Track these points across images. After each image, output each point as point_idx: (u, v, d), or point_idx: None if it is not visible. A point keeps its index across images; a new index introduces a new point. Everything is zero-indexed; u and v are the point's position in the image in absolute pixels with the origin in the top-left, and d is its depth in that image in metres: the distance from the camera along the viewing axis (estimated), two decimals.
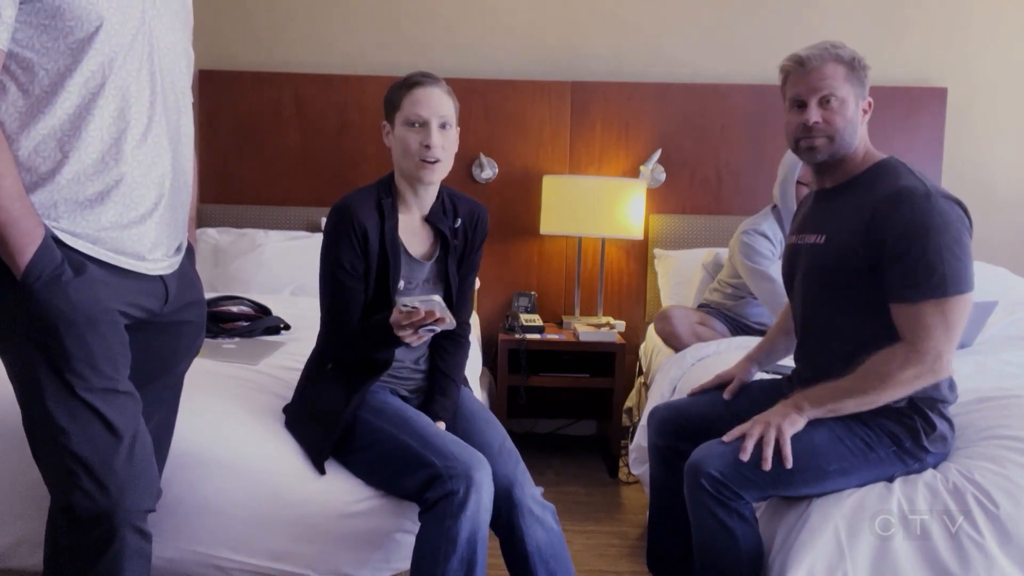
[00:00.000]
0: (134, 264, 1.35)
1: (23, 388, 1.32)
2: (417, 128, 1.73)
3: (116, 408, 1.32)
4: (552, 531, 1.66)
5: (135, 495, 1.34)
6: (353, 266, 1.74)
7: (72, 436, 1.29)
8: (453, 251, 1.85)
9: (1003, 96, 3.63)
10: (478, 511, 1.54)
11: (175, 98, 1.41)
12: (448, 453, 1.59)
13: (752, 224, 2.77)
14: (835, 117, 1.68)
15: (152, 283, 1.40)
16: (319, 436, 1.71)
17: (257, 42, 3.66)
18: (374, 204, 1.77)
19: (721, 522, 1.59)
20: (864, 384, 1.59)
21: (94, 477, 1.30)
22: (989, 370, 2.21)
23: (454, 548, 1.52)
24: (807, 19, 3.58)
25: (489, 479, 1.59)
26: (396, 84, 1.78)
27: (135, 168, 1.33)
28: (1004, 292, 2.98)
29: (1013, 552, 1.49)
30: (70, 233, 1.29)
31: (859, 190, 1.69)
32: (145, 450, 1.37)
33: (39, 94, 1.25)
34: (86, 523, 1.32)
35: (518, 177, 3.62)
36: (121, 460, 1.32)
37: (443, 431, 1.70)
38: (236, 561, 1.68)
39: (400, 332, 1.62)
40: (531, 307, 3.52)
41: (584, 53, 3.64)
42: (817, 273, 1.71)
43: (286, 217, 3.56)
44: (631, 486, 3.10)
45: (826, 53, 1.68)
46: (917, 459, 1.64)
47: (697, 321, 2.85)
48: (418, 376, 1.89)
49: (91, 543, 1.33)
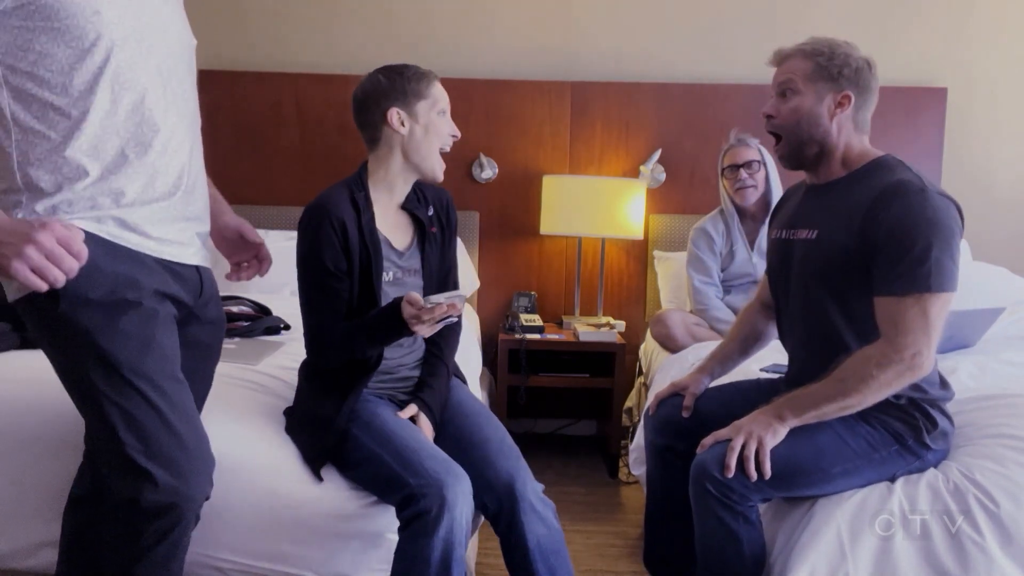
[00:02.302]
0: (164, 251, 1.38)
1: (74, 384, 1.34)
2: (446, 117, 1.79)
3: (173, 397, 1.34)
4: (553, 528, 1.66)
5: (200, 482, 1.37)
6: (336, 265, 1.72)
7: (133, 427, 1.31)
8: (432, 239, 1.86)
9: (1003, 96, 3.63)
10: (451, 530, 1.53)
11: (184, 84, 1.43)
12: (423, 471, 1.57)
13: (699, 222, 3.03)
14: (785, 108, 1.70)
15: (187, 272, 1.43)
16: (314, 444, 1.71)
17: (257, 42, 3.66)
18: (348, 198, 1.76)
19: (726, 525, 1.59)
20: (845, 388, 1.56)
21: (164, 467, 1.32)
22: (990, 370, 2.21)
23: (427, 569, 1.52)
24: (807, 19, 3.58)
25: (465, 495, 1.57)
26: (412, 72, 1.76)
27: (158, 157, 1.35)
28: (1004, 292, 2.98)
29: (1014, 552, 1.49)
30: (95, 220, 1.31)
31: (854, 186, 1.68)
32: (202, 438, 1.40)
33: (52, 96, 1.26)
34: (152, 513, 1.33)
35: (518, 177, 3.62)
36: (184, 448, 1.34)
37: (424, 445, 1.65)
38: (236, 562, 1.68)
39: (417, 325, 1.61)
40: (531, 307, 3.51)
41: (584, 53, 3.64)
42: (811, 268, 1.71)
43: (286, 217, 3.56)
44: (631, 486, 3.10)
45: (799, 48, 1.71)
46: (918, 456, 1.63)
47: (693, 323, 2.86)
48: (416, 378, 1.89)
49: (153, 532, 1.35)
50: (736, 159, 2.87)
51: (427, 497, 1.53)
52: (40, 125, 1.27)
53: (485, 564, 2.35)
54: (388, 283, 1.78)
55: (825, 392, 1.58)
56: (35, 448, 1.69)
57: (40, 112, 1.27)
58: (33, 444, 1.70)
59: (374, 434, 1.67)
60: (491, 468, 1.67)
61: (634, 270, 3.67)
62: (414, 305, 1.59)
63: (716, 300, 2.88)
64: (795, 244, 1.75)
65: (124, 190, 1.32)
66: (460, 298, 1.59)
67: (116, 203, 1.32)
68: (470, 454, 1.71)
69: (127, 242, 1.33)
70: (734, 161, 2.87)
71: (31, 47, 1.24)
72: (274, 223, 3.54)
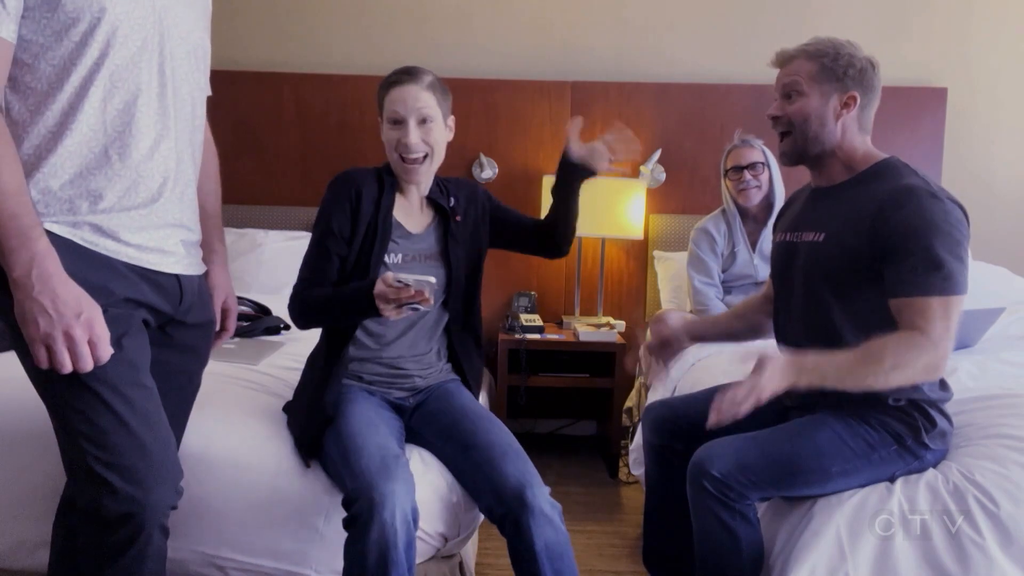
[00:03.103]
0: (143, 259, 1.35)
1: (42, 390, 1.32)
2: (397, 126, 1.78)
3: (136, 404, 1.30)
4: (560, 531, 1.65)
5: (162, 491, 1.32)
6: (341, 230, 1.77)
7: (94, 435, 1.27)
8: (456, 229, 1.87)
9: (1003, 96, 3.63)
10: (383, 532, 1.50)
11: (188, 90, 1.41)
12: (357, 471, 1.56)
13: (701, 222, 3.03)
14: (791, 109, 1.69)
15: (166, 280, 1.39)
16: (301, 432, 1.74)
17: (257, 42, 3.66)
18: (375, 177, 1.82)
19: (723, 523, 1.59)
20: (874, 367, 1.51)
21: (121, 475, 1.28)
22: (990, 370, 2.21)
23: (364, 572, 1.51)
24: (808, 19, 3.58)
25: (399, 495, 1.52)
26: (385, 80, 1.81)
27: (143, 162, 1.32)
28: (1004, 292, 2.98)
29: (1013, 553, 1.49)
30: (69, 225, 1.28)
31: (860, 188, 1.68)
32: (167, 446, 1.35)
33: (45, 89, 1.25)
34: (113, 522, 1.30)
35: (518, 177, 3.62)
36: (147, 456, 1.30)
37: (368, 444, 1.62)
38: (236, 560, 1.68)
39: (383, 304, 1.61)
40: (531, 307, 3.51)
41: (584, 53, 3.64)
42: (818, 271, 1.70)
43: (286, 217, 3.56)
44: (631, 486, 3.10)
45: (802, 49, 1.70)
46: (917, 456, 1.63)
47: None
48: (417, 376, 1.89)
49: (115, 542, 1.31)
50: (740, 160, 2.86)
51: (358, 501, 1.52)
52: (27, 115, 1.25)
53: (485, 564, 2.35)
54: (396, 265, 1.80)
55: (850, 365, 1.53)
56: (33, 448, 1.69)
57: (33, 104, 1.25)
58: (31, 444, 1.70)
59: (336, 431, 1.68)
60: (498, 472, 1.66)
61: (634, 270, 3.67)
62: (387, 282, 1.60)
63: (716, 301, 2.88)
64: (800, 246, 1.75)
65: (103, 193, 1.29)
66: (429, 285, 1.57)
67: (93, 207, 1.29)
68: (476, 458, 1.70)
69: (103, 249, 1.30)
70: (738, 162, 2.87)
71: (32, 39, 1.24)
72: (274, 223, 3.54)
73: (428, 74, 1.79)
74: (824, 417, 1.65)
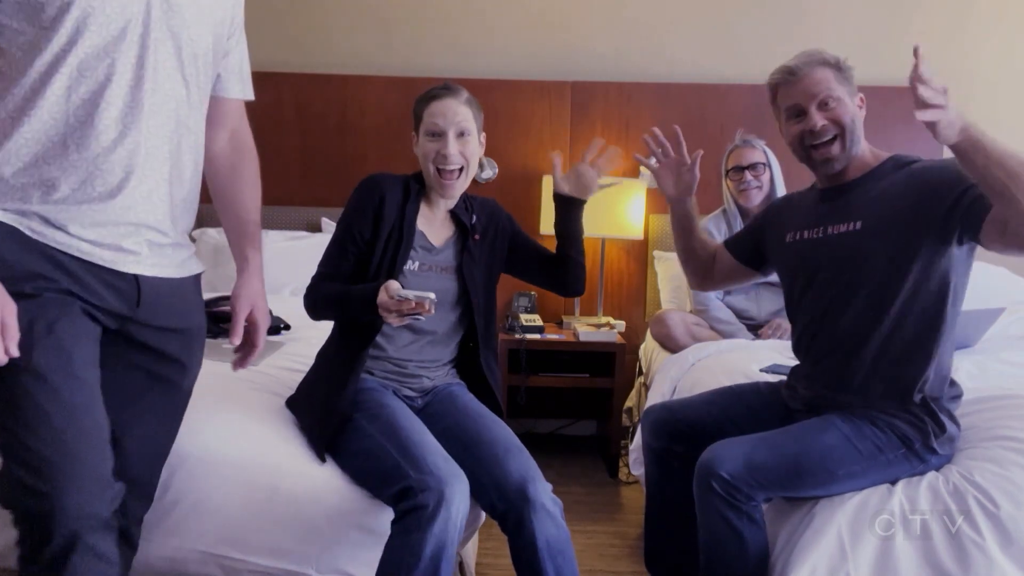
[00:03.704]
0: (96, 254, 1.27)
1: None
2: (436, 139, 1.82)
3: (63, 394, 1.20)
4: (561, 527, 1.67)
5: (81, 496, 1.20)
6: (360, 231, 1.81)
7: (8, 424, 1.19)
8: (474, 248, 1.89)
9: (1003, 96, 3.63)
10: (445, 528, 1.53)
11: (173, 87, 1.33)
12: (424, 466, 1.58)
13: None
14: (838, 115, 1.72)
15: (119, 280, 1.30)
16: (318, 428, 1.75)
17: (257, 42, 3.63)
18: (403, 185, 1.86)
19: (730, 524, 1.59)
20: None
21: (32, 470, 1.18)
22: (990, 370, 2.21)
23: (417, 563, 1.51)
24: (807, 19, 3.58)
25: (462, 496, 1.58)
26: (419, 96, 1.87)
27: (101, 155, 1.26)
28: (1004, 292, 2.98)
29: (1013, 553, 1.49)
30: (17, 213, 1.23)
31: (882, 177, 1.73)
32: (93, 446, 1.23)
33: (11, 74, 1.22)
34: (26, 521, 1.21)
35: (518, 177, 3.62)
36: (67, 453, 1.19)
37: (428, 442, 1.66)
38: (237, 559, 1.68)
39: (384, 312, 1.67)
40: (531, 307, 3.51)
41: (584, 53, 3.64)
42: (858, 255, 1.71)
43: (286, 217, 3.56)
44: (631, 486, 3.10)
45: (812, 59, 1.74)
46: (923, 460, 1.64)
47: (693, 323, 2.86)
48: (425, 377, 1.89)
49: (30, 545, 1.21)
50: (741, 160, 2.86)
51: (426, 492, 1.54)
52: None
53: (485, 564, 2.35)
54: (413, 272, 1.83)
55: (1016, 154, 1.55)
56: None
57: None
58: None
59: (381, 425, 1.69)
60: (500, 468, 1.67)
61: (634, 270, 3.67)
62: (389, 293, 1.66)
63: (716, 300, 2.88)
64: (830, 239, 1.76)
65: (57, 183, 1.24)
66: (431, 300, 1.63)
67: (46, 197, 1.23)
68: (478, 454, 1.71)
69: (51, 240, 1.24)
70: (739, 163, 2.86)
71: (7, 23, 1.20)
72: (274, 223, 3.53)
73: (464, 91, 1.87)
74: (832, 419, 1.66)
